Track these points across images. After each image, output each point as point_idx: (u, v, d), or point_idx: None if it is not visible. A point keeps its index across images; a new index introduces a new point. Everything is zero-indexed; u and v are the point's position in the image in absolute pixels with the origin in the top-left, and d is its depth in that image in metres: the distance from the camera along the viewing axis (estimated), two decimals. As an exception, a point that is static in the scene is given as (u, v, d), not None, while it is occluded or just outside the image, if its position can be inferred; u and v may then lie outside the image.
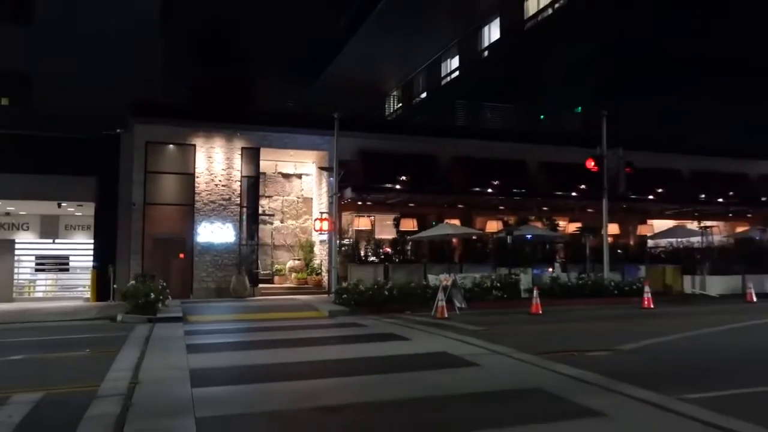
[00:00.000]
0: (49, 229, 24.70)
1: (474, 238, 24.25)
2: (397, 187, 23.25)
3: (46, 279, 25.94)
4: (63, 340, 12.12)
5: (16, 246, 24.39)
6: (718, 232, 28.30)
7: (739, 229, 29.43)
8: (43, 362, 9.60)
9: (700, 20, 32.26)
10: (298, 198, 27.00)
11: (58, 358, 9.90)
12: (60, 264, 25.81)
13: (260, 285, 23.21)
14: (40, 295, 25.11)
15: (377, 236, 24.68)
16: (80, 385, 7.48)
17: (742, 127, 33.11)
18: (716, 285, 21.63)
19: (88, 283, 22.27)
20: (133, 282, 17.45)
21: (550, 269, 22.52)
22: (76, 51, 24.88)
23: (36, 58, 25.08)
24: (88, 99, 22.62)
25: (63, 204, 22.43)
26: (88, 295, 22.19)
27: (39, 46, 25.16)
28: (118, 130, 22.21)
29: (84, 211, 23.15)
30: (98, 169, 21.67)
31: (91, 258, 22.31)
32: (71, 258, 25.43)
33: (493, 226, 25.88)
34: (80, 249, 24.55)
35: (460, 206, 25.77)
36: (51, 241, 25.08)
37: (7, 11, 25.54)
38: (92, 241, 22.76)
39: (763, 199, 29.09)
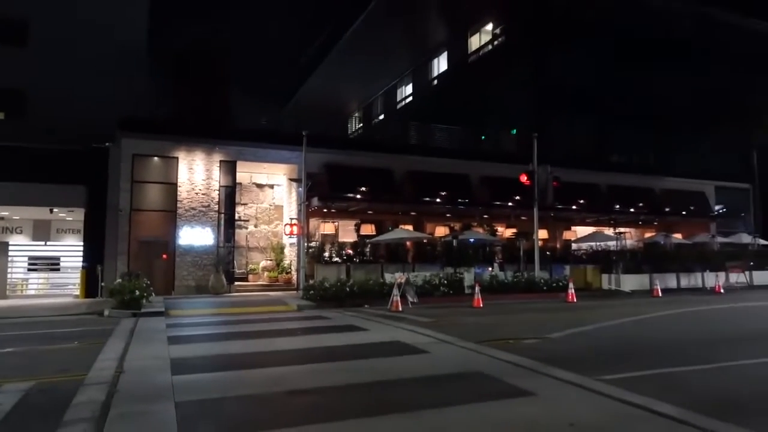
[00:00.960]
0: (42, 232, 23.73)
1: (425, 241, 24.40)
2: (358, 196, 23.24)
3: (38, 278, 24.87)
4: (53, 333, 11.62)
5: (10, 248, 23.34)
6: (630, 237, 29.27)
7: (647, 235, 30.45)
8: (34, 354, 9.20)
9: (615, 59, 33.55)
10: (271, 205, 26.72)
11: (47, 350, 9.50)
12: (51, 264, 24.80)
13: (236, 283, 22.89)
14: (32, 292, 24.05)
15: (340, 239, 24.64)
16: (69, 375, 7.19)
17: (649, 149, 34.43)
18: (629, 282, 22.12)
19: (78, 281, 21.46)
20: (119, 280, 16.91)
21: (490, 268, 22.78)
22: (68, 70, 24.02)
23: (30, 76, 24.13)
24: (80, 114, 21.84)
25: (55, 209, 21.63)
26: (77, 292, 21.38)
27: (33, 65, 24.22)
28: (107, 144, 21.55)
29: (74, 216, 22.35)
30: (88, 179, 20.96)
31: (81, 259, 21.51)
32: (62, 259, 24.46)
33: (441, 231, 26.17)
34: (70, 250, 23.63)
35: (412, 214, 25.92)
36: (43, 243, 24.09)
37: (3, 33, 24.54)
38: (82, 243, 21.96)
39: (667, 209, 30.15)
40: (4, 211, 22.05)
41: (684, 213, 30.38)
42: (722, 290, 21.67)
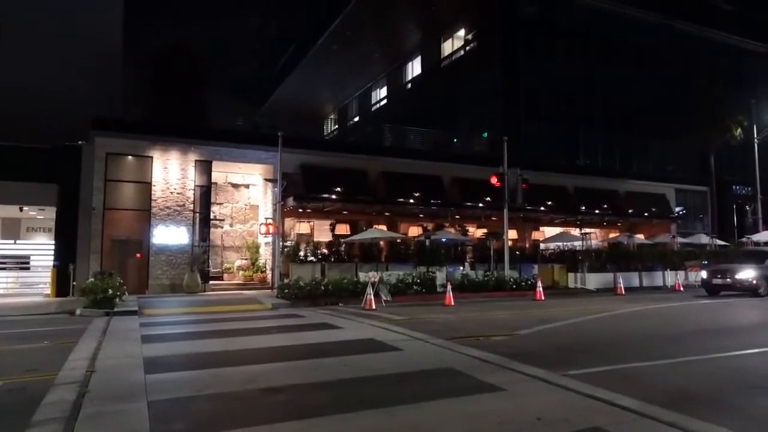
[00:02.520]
0: (11, 230, 23.04)
1: (398, 241, 24.43)
2: (333, 197, 23.14)
3: (6, 277, 24.08)
4: (23, 333, 11.25)
5: (-22, 247, 22.60)
6: (595, 237, 29.81)
7: (612, 235, 31.02)
8: (2, 354, 8.89)
9: (583, 65, 34.16)
10: (246, 205, 26.41)
11: (17, 350, 9.20)
12: (21, 263, 24.05)
13: (211, 281, 22.51)
14: (0, 291, 23.31)
15: (315, 239, 24.50)
16: (38, 374, 6.98)
17: (614, 153, 35.15)
18: (594, 281, 22.54)
19: (49, 280, 20.85)
20: (92, 279, 16.46)
21: (461, 268, 22.94)
22: (42, 68, 23.38)
23: (3, 74, 23.37)
24: (53, 112, 21.27)
25: (25, 208, 21.00)
26: (48, 291, 20.75)
27: (6, 63, 23.47)
28: (80, 142, 21.00)
29: (45, 214, 21.74)
30: (60, 177, 20.41)
31: (52, 257, 20.89)
32: (32, 257, 23.74)
33: (414, 231, 26.23)
34: (41, 249, 22.96)
35: (386, 214, 25.93)
36: (12, 241, 23.36)
37: (-27, 30, 23.75)
38: (53, 241, 21.33)
39: (630, 211, 30.79)
40: (-28, 210, 21.35)
41: (646, 214, 31.08)
42: (682, 288, 22.26)
